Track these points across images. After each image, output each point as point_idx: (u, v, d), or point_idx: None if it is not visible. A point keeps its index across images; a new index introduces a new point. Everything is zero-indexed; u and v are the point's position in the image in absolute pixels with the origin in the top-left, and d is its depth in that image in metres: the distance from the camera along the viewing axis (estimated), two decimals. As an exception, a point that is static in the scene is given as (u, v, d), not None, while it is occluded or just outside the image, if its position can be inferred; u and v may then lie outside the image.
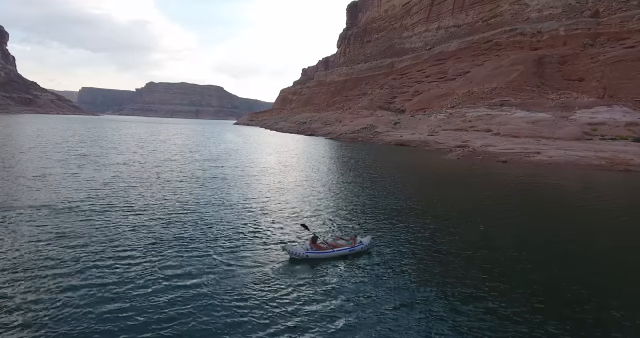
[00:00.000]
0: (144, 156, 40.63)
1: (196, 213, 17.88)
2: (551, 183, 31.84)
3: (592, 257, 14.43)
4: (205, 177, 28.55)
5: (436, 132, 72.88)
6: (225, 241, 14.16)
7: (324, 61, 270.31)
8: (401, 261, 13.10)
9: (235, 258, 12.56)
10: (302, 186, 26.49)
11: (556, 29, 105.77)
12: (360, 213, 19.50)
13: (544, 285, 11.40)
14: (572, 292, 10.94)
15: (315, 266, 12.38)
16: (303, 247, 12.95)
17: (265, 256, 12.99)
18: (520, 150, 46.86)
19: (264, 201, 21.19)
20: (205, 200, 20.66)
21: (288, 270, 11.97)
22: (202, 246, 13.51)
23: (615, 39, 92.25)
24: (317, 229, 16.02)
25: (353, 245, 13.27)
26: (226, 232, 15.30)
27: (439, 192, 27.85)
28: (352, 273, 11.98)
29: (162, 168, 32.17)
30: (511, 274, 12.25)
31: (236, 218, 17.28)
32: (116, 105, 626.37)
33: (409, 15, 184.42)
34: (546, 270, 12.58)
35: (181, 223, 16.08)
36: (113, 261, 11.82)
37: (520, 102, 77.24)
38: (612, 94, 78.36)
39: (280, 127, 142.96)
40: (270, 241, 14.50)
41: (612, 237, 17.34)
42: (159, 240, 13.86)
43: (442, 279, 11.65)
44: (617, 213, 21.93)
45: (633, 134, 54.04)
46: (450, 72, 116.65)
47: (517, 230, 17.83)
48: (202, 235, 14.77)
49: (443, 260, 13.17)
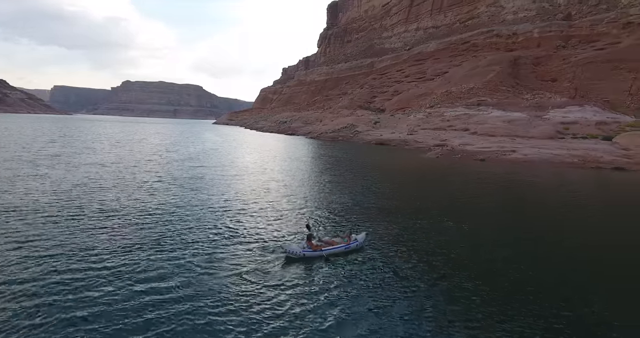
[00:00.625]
0: (119, 156, 39.39)
1: (175, 215, 17.30)
2: (528, 181, 32.61)
3: (569, 254, 14.74)
4: (184, 177, 27.85)
5: (415, 131, 73.73)
6: (205, 244, 13.70)
7: (305, 61, 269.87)
8: (392, 260, 13.09)
9: (216, 261, 12.16)
10: (284, 186, 26.19)
11: (530, 30, 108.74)
12: (345, 212, 19.38)
13: (525, 282, 11.54)
14: (553, 289, 11.11)
15: (311, 265, 12.26)
16: (299, 246, 12.86)
17: (249, 257, 12.68)
18: (497, 148, 47.87)
19: (246, 202, 20.75)
20: (184, 201, 20.06)
21: (283, 270, 11.79)
22: (181, 250, 13.01)
23: (586, 41, 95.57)
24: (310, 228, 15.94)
25: (348, 242, 13.44)
26: (206, 234, 14.81)
27: (421, 190, 28.08)
28: (346, 272, 11.90)
29: (139, 168, 31.23)
30: (492, 271, 12.35)
31: (217, 220, 16.78)
32: (90, 105, 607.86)
33: (389, 16, 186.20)
34: (527, 268, 12.75)
35: (159, 227, 15.49)
36: (83, 268, 11.10)
37: (496, 102, 79.02)
38: (583, 94, 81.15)
39: (260, 126, 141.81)
40: (255, 242, 14.20)
41: (587, 234, 17.81)
42: (134, 244, 13.26)
43: (430, 277, 11.67)
44: (591, 210, 22.63)
45: (603, 133, 56.03)
46: (429, 72, 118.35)
47: (498, 228, 18.11)
48: (181, 238, 14.23)
49: (430, 259, 13.17)
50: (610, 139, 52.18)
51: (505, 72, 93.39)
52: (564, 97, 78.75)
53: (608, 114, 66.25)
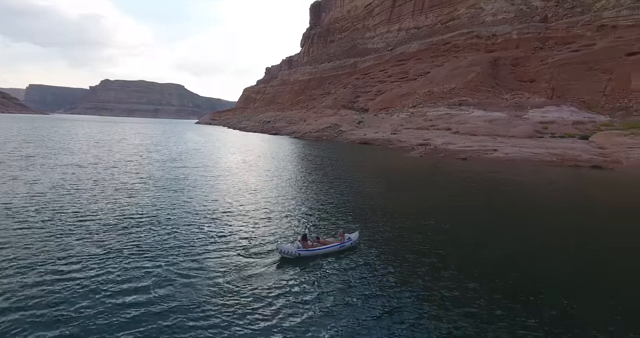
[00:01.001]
0: (97, 157, 38.19)
1: (157, 218, 16.63)
2: (512, 179, 33.07)
3: (554, 253, 14.93)
4: (166, 178, 27.10)
5: (399, 130, 74.28)
6: (192, 248, 13.19)
7: (288, 60, 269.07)
8: (385, 259, 13.04)
9: (205, 267, 11.69)
10: (269, 187, 25.81)
11: (509, 32, 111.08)
12: (333, 212, 19.20)
13: (511, 280, 11.57)
14: (539, 288, 11.17)
15: (307, 265, 12.09)
16: (294, 245, 12.75)
17: (242, 259, 12.36)
18: (479, 147, 48.60)
19: (232, 203, 20.24)
20: (166, 204, 19.40)
21: (279, 271, 11.57)
22: (164, 255, 12.45)
23: (562, 43, 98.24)
24: (301, 228, 15.71)
25: (342, 241, 13.51)
26: (192, 238, 14.27)
27: (407, 189, 28.11)
28: (342, 272, 11.80)
29: (118, 169, 30.31)
30: (478, 270, 12.36)
31: (203, 223, 16.19)
32: (68, 104, 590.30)
33: (371, 16, 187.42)
34: (514, 267, 12.82)
35: (140, 231, 14.80)
36: (55, 279, 10.31)
37: (477, 102, 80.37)
38: (560, 94, 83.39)
39: (243, 126, 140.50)
40: (247, 243, 13.87)
41: (571, 233, 18.11)
42: (112, 250, 12.61)
43: (418, 276, 11.60)
44: (580, 209, 23.11)
45: (579, 132, 57.59)
46: (412, 72, 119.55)
47: (482, 227, 18.22)
48: (165, 242, 13.64)
49: (418, 259, 13.10)
50: (587, 138, 53.70)
51: (485, 73, 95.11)
52: (542, 98, 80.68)
53: (584, 113, 68.19)
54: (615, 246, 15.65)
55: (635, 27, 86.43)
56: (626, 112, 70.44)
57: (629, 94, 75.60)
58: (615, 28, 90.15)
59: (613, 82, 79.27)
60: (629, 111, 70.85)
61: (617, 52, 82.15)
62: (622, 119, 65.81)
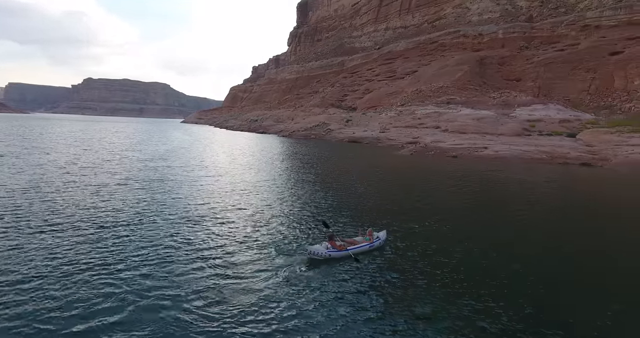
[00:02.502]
0: (76, 156, 36.41)
1: (139, 225, 14.82)
2: (508, 177, 32.48)
3: (564, 257, 14.27)
4: (150, 180, 25.24)
5: (387, 129, 73.80)
6: (180, 263, 11.57)
7: (275, 59, 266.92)
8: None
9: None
10: (260, 187, 24.44)
11: (495, 31, 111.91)
12: (334, 212, 18.17)
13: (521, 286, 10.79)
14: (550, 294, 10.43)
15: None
16: (322, 246, 11.88)
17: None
18: (469, 145, 48.32)
19: (222, 206, 18.70)
20: (150, 208, 17.51)
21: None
22: (149, 268, 10.77)
23: (547, 42, 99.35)
24: (293, 232, 14.71)
25: (371, 241, 12.83)
26: (180, 248, 12.50)
27: (403, 188, 27.34)
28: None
29: (97, 169, 28.69)
30: (482, 270, 11.58)
31: (191, 230, 14.40)
32: (49, 103, 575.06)
33: (358, 15, 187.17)
34: (512, 265, 12.05)
35: (123, 241, 12.93)
36: (18, 301, 8.64)
37: (465, 100, 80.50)
38: (545, 93, 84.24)
39: (230, 125, 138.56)
40: (267, 244, 12.94)
41: (592, 236, 17.50)
42: (86, 262, 11.04)
43: (448, 280, 10.72)
44: (582, 208, 22.56)
45: (566, 130, 57.96)
46: (399, 71, 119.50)
47: (486, 227, 17.48)
48: (148, 253, 11.94)
49: (444, 260, 12.24)
50: (574, 135, 53.99)
51: (472, 72, 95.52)
52: (528, 96, 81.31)
53: (570, 111, 68.82)
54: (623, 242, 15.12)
55: (618, 27, 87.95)
56: (610, 111, 71.46)
57: (613, 92, 76.79)
58: (598, 28, 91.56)
59: (597, 81, 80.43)
60: (613, 110, 71.89)
61: (601, 51, 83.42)
62: (606, 117, 66.64)
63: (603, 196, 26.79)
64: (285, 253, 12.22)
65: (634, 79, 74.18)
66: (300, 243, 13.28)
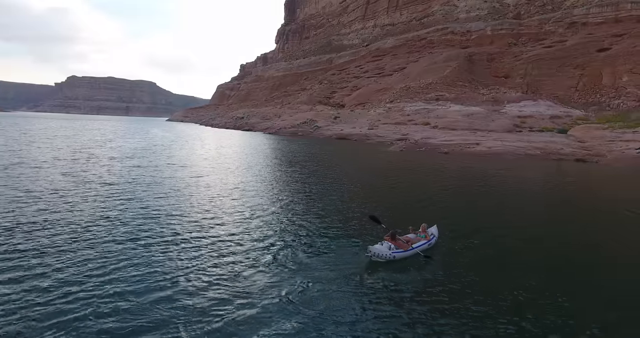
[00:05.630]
0: (42, 153, 33.77)
1: (116, 233, 12.67)
2: (506, 174, 30.71)
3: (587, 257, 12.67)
4: (124, 181, 22.55)
5: (376, 125, 72.26)
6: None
7: (263, 57, 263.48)
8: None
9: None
10: (243, 188, 22.18)
11: (483, 28, 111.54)
12: (330, 213, 16.38)
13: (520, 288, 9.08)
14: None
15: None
16: (384, 246, 10.78)
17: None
18: (460, 141, 46.99)
19: (204, 210, 16.39)
20: (127, 212, 15.17)
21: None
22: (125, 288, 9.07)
23: (535, 39, 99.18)
24: (287, 235, 12.95)
25: (428, 238, 11.91)
26: (161, 259, 10.66)
27: (398, 185, 25.44)
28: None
29: (65, 168, 26.25)
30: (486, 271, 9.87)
31: (173, 236, 12.43)
32: (32, 102, 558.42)
33: (346, 13, 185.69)
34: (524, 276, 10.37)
35: (100, 254, 10.85)
36: None
37: (454, 97, 79.46)
38: (534, 90, 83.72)
39: (216, 123, 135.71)
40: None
41: (584, 233, 16.02)
42: (51, 277, 9.08)
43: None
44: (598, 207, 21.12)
45: (557, 126, 57.17)
46: (388, 68, 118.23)
47: (490, 226, 15.82)
48: (129, 269, 9.99)
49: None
50: (565, 131, 53.12)
51: (461, 68, 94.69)
52: (517, 92, 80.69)
53: (560, 108, 68.29)
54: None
55: (605, 24, 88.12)
56: (599, 107, 71.10)
57: (601, 89, 76.54)
58: (585, 25, 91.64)
59: (585, 78, 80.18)
60: (601, 106, 71.56)
61: (588, 48, 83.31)
62: (595, 113, 66.20)
63: (612, 193, 25.50)
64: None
65: (622, 75, 74.04)
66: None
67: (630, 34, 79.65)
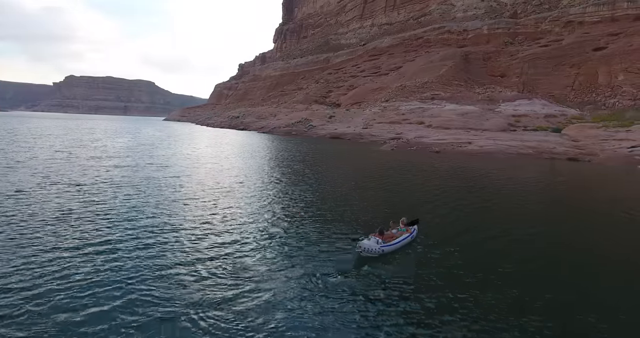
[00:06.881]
0: (19, 153, 33.09)
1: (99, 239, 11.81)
2: (496, 173, 30.34)
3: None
4: (97, 182, 21.65)
5: (371, 125, 71.69)
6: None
7: (261, 57, 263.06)
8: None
9: None
10: (233, 189, 21.27)
11: (480, 28, 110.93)
12: (310, 213, 15.85)
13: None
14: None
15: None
16: (372, 241, 11.04)
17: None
18: (453, 140, 46.42)
19: (196, 210, 15.86)
20: (112, 215, 14.33)
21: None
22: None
23: (531, 39, 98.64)
24: (279, 238, 12.48)
25: (410, 231, 12.36)
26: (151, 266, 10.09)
27: (387, 184, 24.81)
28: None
29: (38, 168, 25.57)
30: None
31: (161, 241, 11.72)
32: (30, 101, 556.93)
33: (344, 12, 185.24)
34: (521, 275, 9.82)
35: (85, 262, 10.10)
36: None
37: (449, 96, 78.89)
38: (530, 89, 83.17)
39: (212, 122, 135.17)
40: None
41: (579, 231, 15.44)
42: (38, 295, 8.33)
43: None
44: (593, 205, 20.52)
45: (551, 125, 56.62)
46: (384, 67, 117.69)
47: (467, 224, 15.23)
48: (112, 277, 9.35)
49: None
50: (559, 130, 52.56)
51: (457, 67, 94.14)
52: (513, 91, 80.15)
53: (555, 107, 67.75)
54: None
55: (601, 23, 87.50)
56: (594, 106, 70.59)
57: (597, 88, 76.01)
58: (581, 24, 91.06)
59: (581, 77, 79.65)
60: (597, 105, 71.06)
61: (584, 47, 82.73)
62: (591, 112, 65.69)
63: (604, 192, 24.92)
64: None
65: (618, 74, 73.49)
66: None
67: (626, 33, 79.10)
